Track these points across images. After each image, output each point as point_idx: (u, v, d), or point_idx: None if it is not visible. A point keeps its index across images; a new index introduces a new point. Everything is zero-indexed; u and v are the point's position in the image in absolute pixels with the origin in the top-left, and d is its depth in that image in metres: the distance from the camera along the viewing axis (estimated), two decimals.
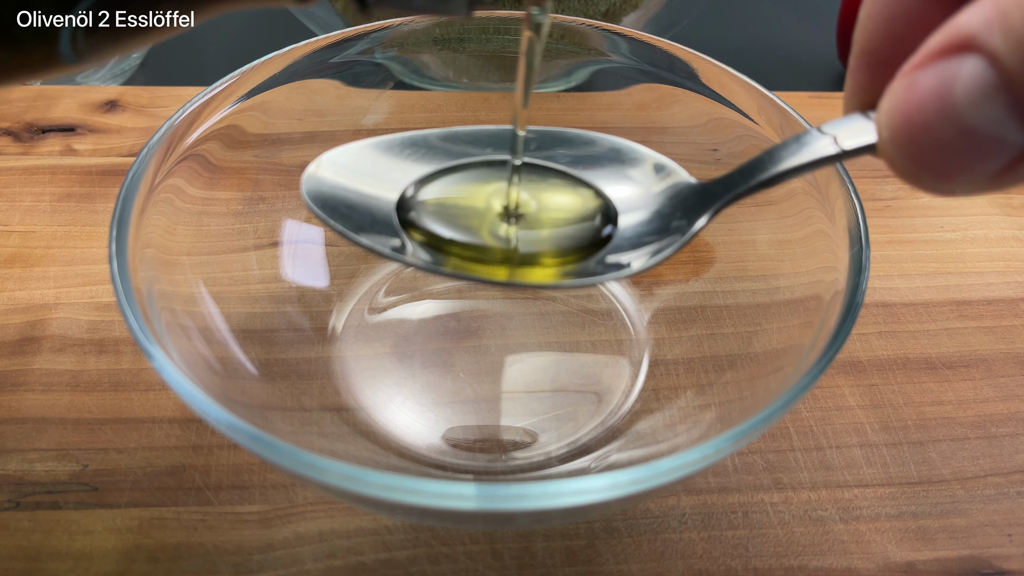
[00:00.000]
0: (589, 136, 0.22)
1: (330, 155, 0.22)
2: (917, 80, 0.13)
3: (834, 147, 0.16)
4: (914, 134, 0.13)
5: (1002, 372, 0.29)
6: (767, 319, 0.26)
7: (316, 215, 0.20)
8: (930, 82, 0.13)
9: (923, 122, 0.13)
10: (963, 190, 0.14)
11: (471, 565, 0.23)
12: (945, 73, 0.13)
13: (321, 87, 0.29)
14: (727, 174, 0.18)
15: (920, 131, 0.13)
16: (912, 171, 0.14)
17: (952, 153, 0.13)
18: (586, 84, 0.32)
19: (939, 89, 0.13)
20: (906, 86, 0.13)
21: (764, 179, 0.17)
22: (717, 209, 0.18)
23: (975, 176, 0.13)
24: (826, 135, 0.16)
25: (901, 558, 0.24)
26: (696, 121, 0.28)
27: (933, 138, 0.13)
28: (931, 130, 0.13)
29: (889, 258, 0.33)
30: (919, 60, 0.13)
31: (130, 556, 0.23)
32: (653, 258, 0.19)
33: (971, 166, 0.13)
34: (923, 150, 0.13)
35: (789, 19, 0.52)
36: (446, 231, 0.21)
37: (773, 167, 0.17)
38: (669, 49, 0.28)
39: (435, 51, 0.35)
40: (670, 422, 0.26)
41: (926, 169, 0.14)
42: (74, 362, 0.27)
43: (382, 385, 0.27)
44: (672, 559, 0.23)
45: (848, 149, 0.16)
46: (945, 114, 0.13)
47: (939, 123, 0.13)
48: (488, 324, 0.29)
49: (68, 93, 0.39)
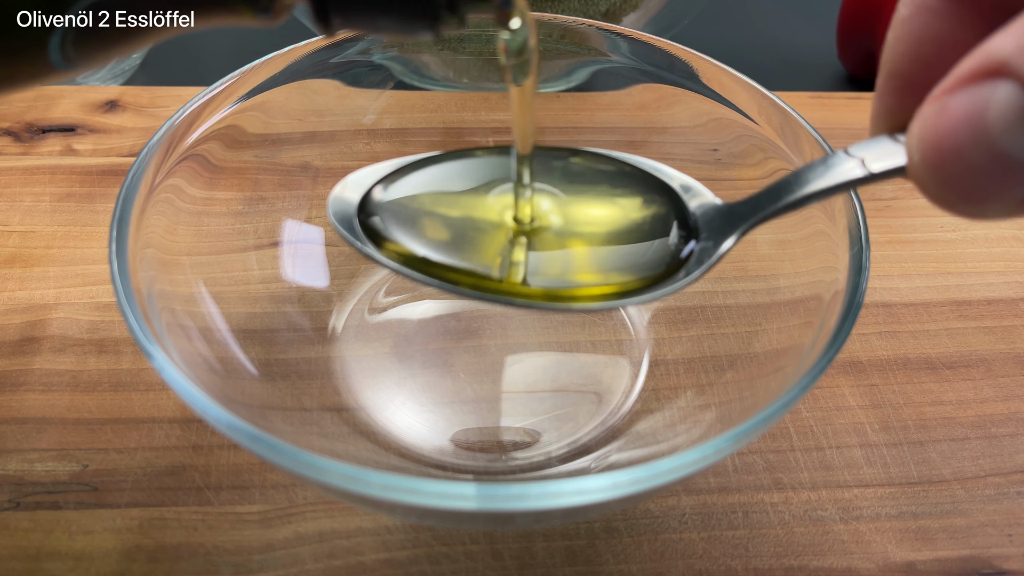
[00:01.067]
0: (611, 154, 0.22)
1: (356, 175, 0.22)
2: (948, 105, 0.13)
3: (862, 170, 0.16)
4: (946, 159, 0.13)
5: (1002, 372, 0.29)
6: (767, 319, 0.26)
7: (344, 238, 0.20)
8: (962, 107, 0.13)
9: (955, 147, 0.13)
10: (994, 214, 0.14)
11: (471, 565, 0.23)
12: (977, 98, 0.13)
13: (321, 87, 0.29)
14: (754, 195, 0.18)
15: (952, 156, 0.13)
16: (943, 195, 0.14)
17: (984, 178, 0.13)
18: (586, 84, 0.32)
19: (971, 114, 0.13)
20: (937, 110, 0.13)
21: (791, 201, 0.17)
22: (744, 231, 0.18)
23: (1007, 201, 0.13)
24: (853, 157, 0.16)
25: (901, 558, 0.24)
26: (696, 121, 0.28)
27: (965, 163, 0.13)
28: (963, 155, 0.13)
29: (889, 258, 0.33)
30: (950, 84, 0.13)
31: (130, 556, 0.23)
32: (680, 282, 0.19)
33: (1003, 191, 0.13)
34: (955, 175, 0.13)
35: (789, 19, 0.52)
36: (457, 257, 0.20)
37: (800, 189, 0.17)
38: (669, 49, 0.28)
39: (435, 51, 0.35)
40: (670, 422, 0.26)
41: (957, 193, 0.14)
42: (74, 362, 0.27)
43: (382, 385, 0.27)
44: (672, 559, 0.23)
45: (876, 172, 0.16)
46: (978, 139, 0.13)
47: (972, 148, 0.13)
48: (488, 324, 0.29)
49: (68, 93, 0.39)
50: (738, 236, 0.18)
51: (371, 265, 0.30)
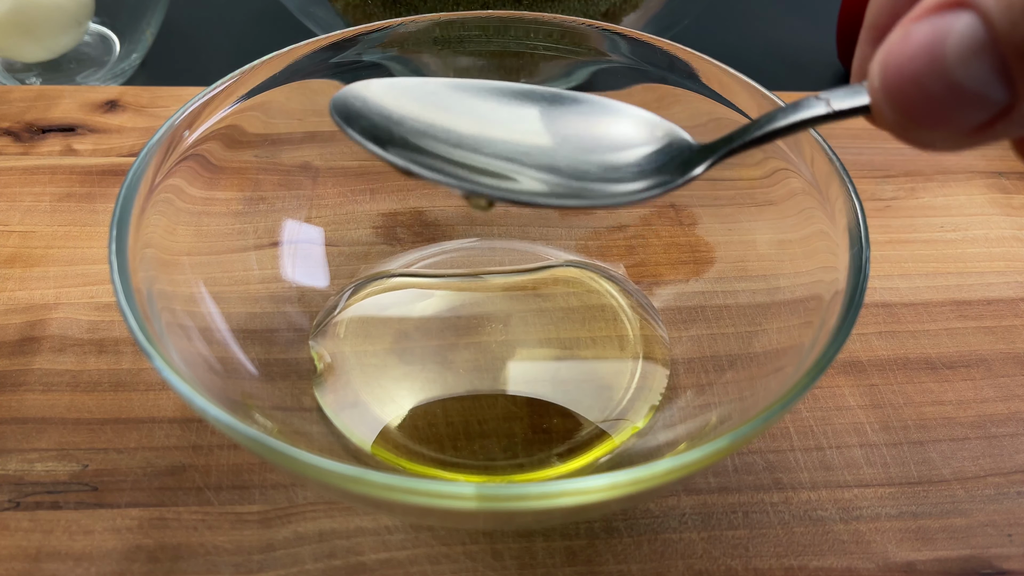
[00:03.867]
0: (597, 99, 0.22)
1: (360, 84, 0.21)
2: (911, 32, 0.14)
3: (826, 108, 0.17)
4: (904, 84, 0.14)
5: (1002, 372, 0.29)
6: (767, 319, 0.26)
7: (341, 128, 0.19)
8: (923, 35, 0.13)
9: (913, 73, 0.14)
10: (944, 144, 0.14)
11: (471, 565, 0.23)
12: (938, 27, 0.13)
13: (321, 87, 0.29)
14: (725, 135, 0.19)
15: (909, 82, 0.14)
16: (898, 121, 0.14)
17: (938, 106, 0.14)
18: (586, 84, 0.32)
19: (931, 42, 0.13)
20: (901, 37, 0.14)
21: (758, 135, 0.18)
22: (714, 160, 0.19)
23: (956, 130, 0.14)
24: (821, 99, 0.17)
25: (901, 558, 0.24)
26: (696, 121, 0.28)
27: (921, 89, 0.14)
28: (920, 82, 0.14)
29: (889, 258, 0.33)
30: (917, 13, 0.14)
31: (130, 556, 0.23)
32: (648, 192, 0.19)
33: (954, 120, 0.14)
34: (911, 100, 0.14)
35: (789, 19, 0.52)
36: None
37: (768, 125, 0.18)
38: (669, 49, 0.28)
39: (435, 51, 0.35)
40: (670, 422, 0.26)
41: (912, 118, 0.14)
42: (74, 362, 0.28)
43: (382, 383, 0.27)
44: (672, 559, 0.23)
45: (838, 109, 0.17)
46: (934, 67, 0.13)
47: (928, 76, 0.13)
48: (489, 321, 0.29)
49: (68, 93, 0.39)
50: (709, 163, 0.19)
51: (371, 264, 0.30)
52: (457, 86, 0.22)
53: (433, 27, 0.30)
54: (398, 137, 0.20)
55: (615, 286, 0.30)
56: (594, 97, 0.22)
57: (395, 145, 0.20)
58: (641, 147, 0.20)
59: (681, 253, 0.31)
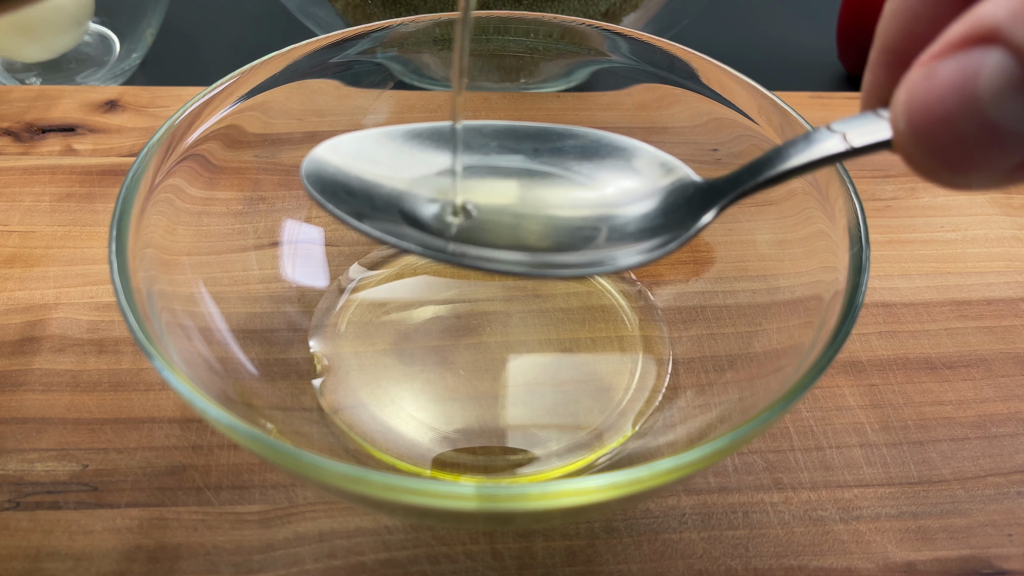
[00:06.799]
0: (594, 134, 0.22)
1: (330, 143, 0.21)
2: (937, 71, 0.13)
3: (843, 144, 0.16)
4: (933, 126, 0.13)
5: (1002, 372, 0.29)
6: (767, 319, 0.26)
7: (315, 199, 0.20)
8: (951, 73, 0.13)
9: (943, 114, 0.13)
10: (979, 184, 0.14)
11: (471, 565, 0.23)
12: (967, 65, 0.12)
13: (321, 87, 0.29)
14: (734, 172, 0.18)
15: (940, 123, 0.13)
16: (929, 164, 0.14)
17: (973, 147, 0.13)
18: (586, 84, 0.32)
19: (961, 81, 0.12)
20: (925, 76, 0.13)
21: (771, 176, 0.17)
22: (724, 205, 0.18)
23: (994, 170, 0.13)
24: (835, 133, 0.16)
25: (901, 558, 0.24)
26: (696, 121, 0.28)
27: (953, 131, 0.13)
28: (951, 123, 0.13)
29: (889, 258, 0.33)
30: (939, 50, 0.13)
31: (130, 556, 0.23)
32: (655, 252, 0.19)
33: (991, 161, 0.13)
34: (942, 143, 0.13)
35: (789, 19, 0.52)
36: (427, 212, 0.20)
37: (780, 164, 0.17)
38: (669, 49, 0.28)
39: (435, 51, 0.35)
40: (670, 422, 0.26)
41: (944, 162, 0.13)
42: (74, 362, 0.28)
43: (382, 383, 0.27)
44: (672, 559, 0.23)
45: (857, 146, 0.16)
46: (967, 107, 0.12)
47: (960, 116, 0.13)
48: (488, 321, 0.29)
49: (68, 93, 0.39)
50: (718, 210, 0.18)
51: (371, 264, 0.30)
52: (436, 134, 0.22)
53: (433, 27, 0.30)
54: (380, 204, 0.20)
55: (615, 286, 0.30)
56: (586, 134, 0.21)
57: (379, 212, 0.20)
58: (644, 200, 0.20)
59: (681, 253, 0.30)
